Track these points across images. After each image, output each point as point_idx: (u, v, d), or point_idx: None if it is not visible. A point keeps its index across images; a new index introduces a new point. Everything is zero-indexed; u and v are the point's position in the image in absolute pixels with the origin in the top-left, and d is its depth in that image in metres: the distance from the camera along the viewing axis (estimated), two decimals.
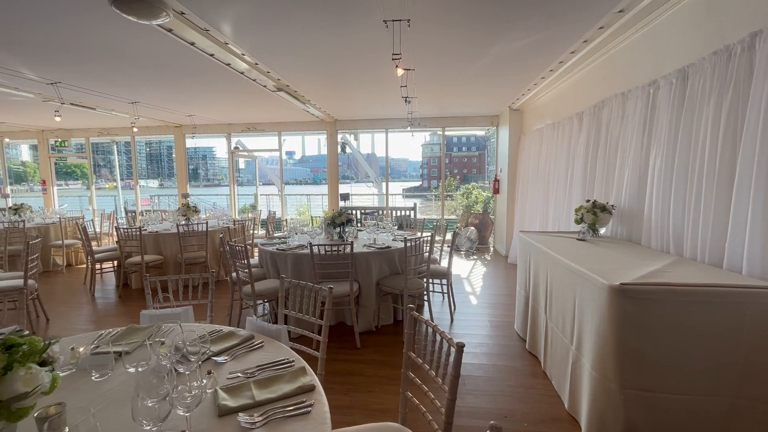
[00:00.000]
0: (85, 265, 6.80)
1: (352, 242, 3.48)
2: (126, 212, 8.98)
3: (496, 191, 7.75)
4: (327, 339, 1.97)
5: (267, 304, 4.16)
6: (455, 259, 6.96)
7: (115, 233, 7.98)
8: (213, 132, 8.81)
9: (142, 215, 8.09)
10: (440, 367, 1.50)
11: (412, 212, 7.67)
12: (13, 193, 10.97)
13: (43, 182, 10.02)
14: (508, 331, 3.78)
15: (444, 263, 4.81)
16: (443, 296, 4.63)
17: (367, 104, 6.76)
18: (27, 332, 1.10)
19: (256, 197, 9.53)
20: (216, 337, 1.75)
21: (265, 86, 5.23)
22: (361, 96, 6.07)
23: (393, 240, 4.25)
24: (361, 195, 14.53)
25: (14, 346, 1.00)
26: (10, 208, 7.12)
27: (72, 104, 6.04)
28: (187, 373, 1.23)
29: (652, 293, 1.90)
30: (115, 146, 12.13)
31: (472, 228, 7.85)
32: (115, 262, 5.68)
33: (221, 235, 4.28)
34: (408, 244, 3.54)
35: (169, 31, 3.40)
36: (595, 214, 3.30)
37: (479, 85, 5.38)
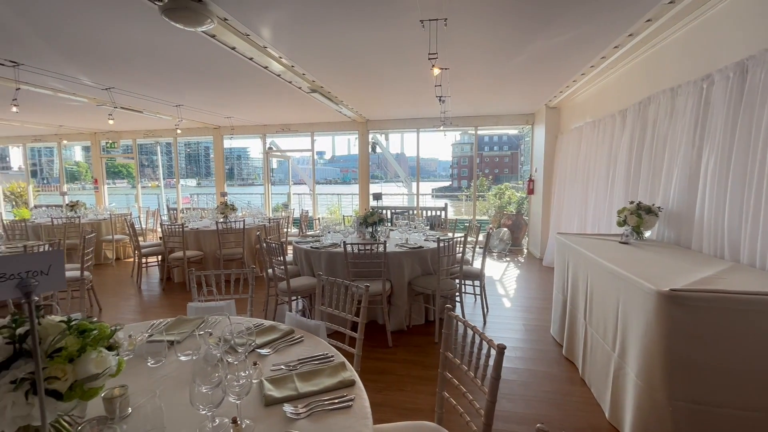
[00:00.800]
0: (132, 259, 7.23)
1: (384, 241, 3.51)
2: (168, 210, 9.47)
3: (531, 192, 7.55)
4: (363, 336, 2.00)
5: (301, 300, 4.26)
6: (487, 260, 6.84)
7: (159, 230, 8.44)
8: (249, 133, 9.11)
9: (183, 213, 8.50)
10: (479, 369, 1.48)
11: (443, 212, 7.61)
12: (68, 191, 11.83)
13: (95, 181, 10.73)
14: (544, 336, 3.67)
15: (476, 264, 4.75)
16: (475, 298, 4.57)
17: (399, 104, 6.78)
18: (95, 319, 1.19)
19: (289, 196, 9.77)
20: (258, 330, 1.81)
21: (300, 88, 5.36)
22: (394, 96, 6.09)
23: (425, 240, 4.24)
24: (391, 195, 14.55)
25: (86, 330, 1.09)
26: (67, 205, 7.69)
27: (122, 108, 6.44)
28: (236, 363, 1.29)
29: (706, 300, 1.79)
30: (158, 147, 12.82)
31: (505, 229, 7.68)
32: (159, 257, 6.01)
33: (258, 233, 4.42)
34: (441, 245, 3.51)
35: (213, 37, 3.56)
36: (639, 216, 3.14)
37: (515, 83, 5.27)
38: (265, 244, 3.80)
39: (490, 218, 8.69)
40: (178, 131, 8.04)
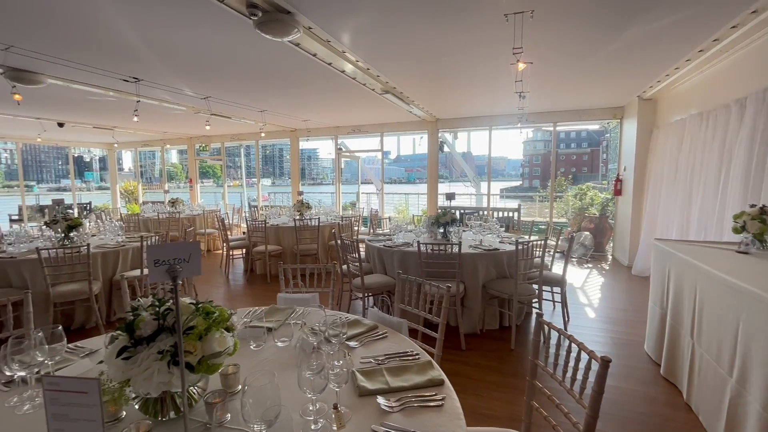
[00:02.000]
0: (220, 252, 8.00)
1: (460, 242, 3.45)
2: (250, 207, 10.32)
3: (618, 192, 6.88)
4: (443, 337, 1.99)
5: (371, 297, 4.36)
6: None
7: (243, 225, 9.23)
8: (322, 135, 9.56)
9: (263, 210, 9.19)
10: (576, 381, 1.39)
11: (516, 213, 7.27)
12: (169, 189, 13.45)
13: (190, 180, 12.06)
14: (636, 352, 3.33)
15: (555, 269, 4.46)
16: (554, 305, 4.30)
17: (471, 102, 6.62)
18: (216, 303, 1.33)
19: (358, 195, 10.06)
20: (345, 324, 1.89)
21: (373, 89, 5.49)
22: (468, 94, 5.96)
23: (500, 242, 4.08)
24: (458, 194, 14.25)
25: (209, 313, 1.23)
26: (168, 201, 8.75)
27: (214, 115, 7.15)
28: (331, 352, 1.36)
29: None
30: (242, 149, 14.01)
31: (587, 233, 7.10)
32: (244, 250, 6.57)
33: (333, 230, 4.62)
34: (519, 247, 3.36)
35: (297, 45, 3.79)
36: (763, 221, 2.70)
37: (604, 75, 4.84)
38: (340, 241, 3.96)
39: (569, 221, 8.10)
40: (262, 134, 8.69)
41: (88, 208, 12.63)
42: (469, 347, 3.43)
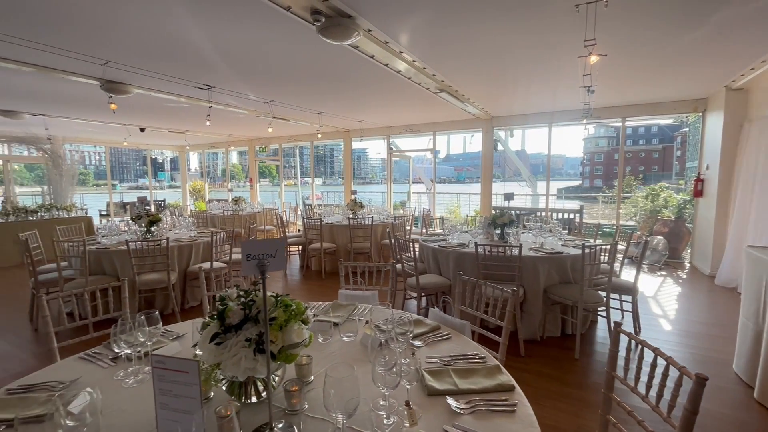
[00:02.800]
0: None
1: (520, 244, 3.33)
2: (304, 205, 10.74)
3: (699, 194, 6.22)
4: (507, 341, 1.93)
5: (425, 297, 4.35)
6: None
7: (298, 223, 9.62)
8: (374, 135, 9.68)
9: (317, 208, 9.52)
10: (662, 398, 1.28)
11: (577, 215, 6.87)
12: (232, 188, 14.39)
13: (250, 179, 12.81)
14: (723, 371, 3.00)
15: (624, 276, 4.15)
16: (622, 314, 3.99)
17: (531, 98, 6.35)
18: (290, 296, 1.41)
19: (409, 195, 10.06)
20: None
21: (427, 88, 5.47)
22: (528, 90, 5.73)
23: (563, 245, 3.88)
24: (514, 195, 13.71)
25: (288, 306, 1.30)
26: (232, 200, 9.38)
27: (275, 117, 7.53)
28: (399, 350, 1.38)
29: None
30: (297, 150, 14.62)
31: (660, 237, 6.51)
32: (300, 247, 6.85)
33: (388, 229, 4.66)
34: (587, 251, 3.16)
35: (355, 47, 3.88)
36: None
37: (683, 63, 4.41)
38: (395, 240, 3.99)
39: (638, 224, 7.47)
40: (319, 135, 9.01)
41: (162, 205, 13.91)
42: (528, 354, 3.30)
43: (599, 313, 3.59)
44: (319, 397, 1.29)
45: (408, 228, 6.68)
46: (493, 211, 8.00)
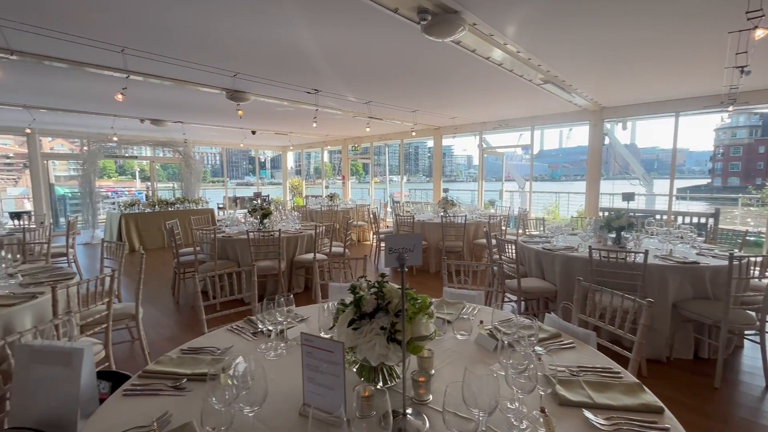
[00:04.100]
0: (369, 242, 8.77)
1: (646, 251, 2.95)
2: (393, 202, 10.99)
3: None
4: (639, 358, 1.73)
5: (524, 301, 4.12)
6: None
7: (387, 219, 9.89)
8: (466, 131, 9.45)
9: (406, 205, 9.66)
10: None
11: (711, 219, 5.87)
12: (328, 186, 15.39)
13: (343, 177, 13.52)
14: None
15: None
16: None
17: (654, 85, 5.58)
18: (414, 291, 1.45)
19: (501, 193, 9.64)
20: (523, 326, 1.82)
21: (530, 80, 5.15)
22: (650, 74, 5.04)
23: (698, 254, 3.33)
24: (615, 194, 12.23)
25: (413, 299, 1.33)
26: (327, 196, 10.01)
27: (371, 117, 7.81)
28: (530, 353, 1.33)
29: None
30: (386, 148, 15.01)
31: None
32: None
33: (485, 228, 4.53)
34: (735, 263, 2.67)
35: (458, 43, 3.82)
36: None
37: None
38: (496, 240, 3.85)
39: None
40: (413, 134, 9.13)
41: (267, 200, 15.48)
42: (652, 375, 2.91)
43: (748, 336, 3.01)
44: (440, 391, 1.31)
45: (503, 228, 6.40)
46: (601, 213, 7.23)
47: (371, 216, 7.08)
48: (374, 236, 6.92)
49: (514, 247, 3.52)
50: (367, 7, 2.98)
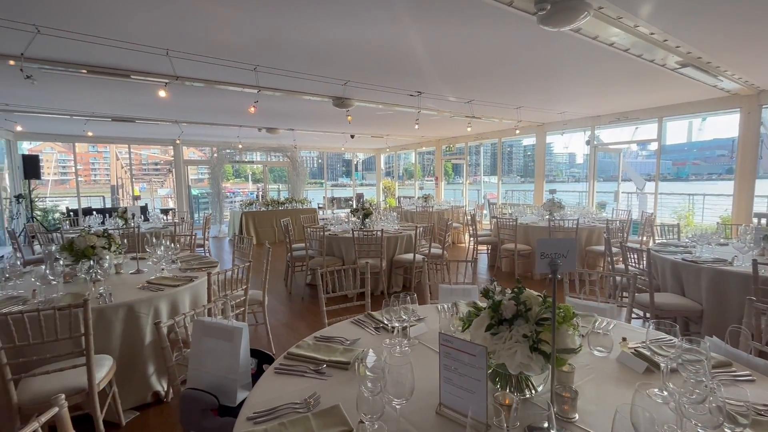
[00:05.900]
0: (464, 245, 8.57)
1: None
2: (489, 204, 10.57)
3: None
4: None
5: (655, 319, 3.58)
6: None
7: (483, 222, 9.54)
8: (576, 126, 8.63)
9: (503, 207, 9.20)
10: None
11: None
12: (423, 187, 15.51)
13: (436, 178, 13.47)
14: None
15: None
16: None
17: None
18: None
19: (617, 195, 8.58)
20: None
21: (662, 65, 4.47)
22: None
23: None
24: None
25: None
26: (421, 197, 10.07)
27: (472, 117, 7.60)
28: (694, 380, 1.14)
29: None
30: (482, 148, 14.52)
31: None
32: (489, 246, 6.73)
33: (604, 234, 4.07)
34: None
35: (577, 31, 3.50)
36: None
37: None
38: (625, 248, 3.42)
39: None
40: (517, 131, 8.71)
41: (361, 201, 16.22)
42: None
43: None
44: (586, 410, 1.20)
45: (623, 235, 5.68)
46: (755, 219, 5.94)
47: (468, 218, 6.89)
48: (471, 239, 6.72)
49: (645, 256, 3.09)
50: (479, 3, 2.90)
